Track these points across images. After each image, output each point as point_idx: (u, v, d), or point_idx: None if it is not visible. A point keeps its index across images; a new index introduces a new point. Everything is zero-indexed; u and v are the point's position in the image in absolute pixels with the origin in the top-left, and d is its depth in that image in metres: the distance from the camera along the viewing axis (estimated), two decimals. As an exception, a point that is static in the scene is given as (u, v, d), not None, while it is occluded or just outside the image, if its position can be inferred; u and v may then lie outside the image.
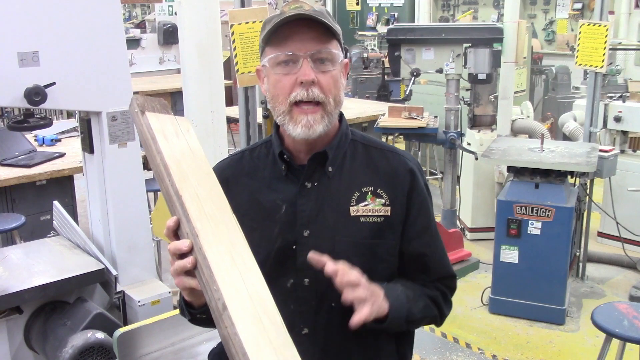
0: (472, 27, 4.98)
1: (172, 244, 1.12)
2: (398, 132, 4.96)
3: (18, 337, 2.87)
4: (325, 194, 1.35)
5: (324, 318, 1.35)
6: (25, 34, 2.67)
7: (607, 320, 2.73)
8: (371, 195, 1.36)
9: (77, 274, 2.88)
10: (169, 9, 9.49)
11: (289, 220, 1.35)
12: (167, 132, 1.24)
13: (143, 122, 1.24)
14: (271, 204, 1.37)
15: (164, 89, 8.02)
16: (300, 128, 1.28)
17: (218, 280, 1.05)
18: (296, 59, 1.27)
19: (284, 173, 1.38)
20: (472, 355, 3.70)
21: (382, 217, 1.35)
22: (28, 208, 4.21)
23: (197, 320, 1.33)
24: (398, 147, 1.51)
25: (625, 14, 8.54)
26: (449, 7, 10.82)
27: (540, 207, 3.88)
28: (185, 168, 1.19)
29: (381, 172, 1.39)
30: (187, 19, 3.27)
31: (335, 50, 1.30)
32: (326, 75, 1.29)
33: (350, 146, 1.41)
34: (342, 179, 1.37)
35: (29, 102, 2.65)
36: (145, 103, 1.26)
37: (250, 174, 1.42)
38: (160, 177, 1.19)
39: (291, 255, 1.35)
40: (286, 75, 1.28)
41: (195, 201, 1.15)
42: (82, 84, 2.86)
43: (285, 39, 1.28)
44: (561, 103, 7.79)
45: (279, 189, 1.37)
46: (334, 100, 1.30)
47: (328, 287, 1.31)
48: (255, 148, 1.47)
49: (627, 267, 4.77)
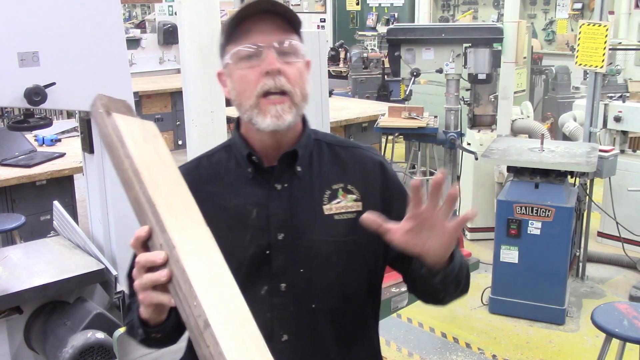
0: (472, 27, 4.99)
1: (143, 256, 1.04)
2: (398, 132, 4.96)
3: (18, 337, 2.87)
4: (297, 195, 1.32)
5: (304, 322, 1.31)
6: (25, 34, 2.67)
7: (607, 320, 2.73)
8: (342, 192, 1.34)
9: (77, 274, 2.87)
10: (169, 9, 9.49)
11: (261, 224, 1.30)
12: (136, 136, 1.16)
13: (109, 124, 1.16)
14: (240, 209, 1.31)
15: (164, 89, 8.02)
16: (269, 119, 1.24)
17: (199, 295, 0.97)
18: (259, 51, 1.24)
19: (250, 176, 1.33)
20: (472, 355, 3.70)
21: (354, 212, 1.33)
22: (28, 208, 4.22)
23: (150, 341, 1.24)
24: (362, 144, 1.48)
25: (625, 14, 8.53)
26: (449, 7, 10.82)
27: (540, 207, 3.88)
28: (156, 175, 1.11)
29: (349, 169, 1.37)
30: (187, 19, 3.27)
31: (298, 42, 1.28)
32: (291, 66, 1.25)
33: (315, 146, 1.38)
34: (312, 178, 1.34)
35: (29, 102, 2.65)
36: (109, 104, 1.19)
37: (211, 180, 1.35)
38: (129, 183, 1.11)
39: (265, 261, 1.29)
40: (251, 69, 1.24)
41: (169, 211, 1.07)
42: (82, 84, 2.86)
43: (247, 33, 1.24)
44: (561, 103, 7.79)
45: (247, 193, 1.32)
46: (300, 92, 1.26)
47: (307, 288, 1.29)
48: (213, 154, 1.42)
49: (627, 267, 4.77)
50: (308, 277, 1.30)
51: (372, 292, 1.42)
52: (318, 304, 1.30)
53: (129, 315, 1.31)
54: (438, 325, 4.01)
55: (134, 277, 1.08)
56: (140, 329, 1.21)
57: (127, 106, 1.23)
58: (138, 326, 1.21)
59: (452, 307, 4.22)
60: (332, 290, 1.32)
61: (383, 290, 2.60)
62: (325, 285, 1.31)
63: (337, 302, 1.33)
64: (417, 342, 3.82)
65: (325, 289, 1.31)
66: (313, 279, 1.30)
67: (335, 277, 1.32)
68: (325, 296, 1.31)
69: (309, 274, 1.30)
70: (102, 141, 1.19)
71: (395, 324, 3.95)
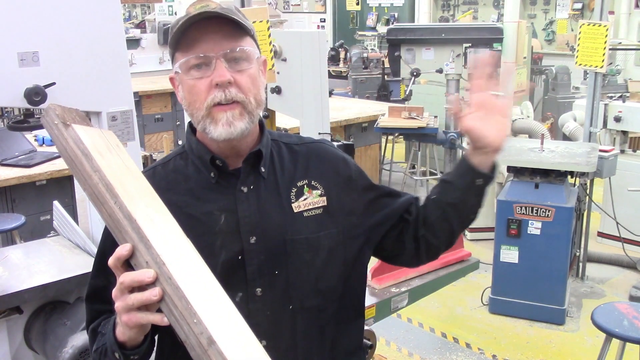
0: (472, 27, 4.99)
1: (128, 276, 0.99)
2: (398, 132, 4.97)
3: (18, 337, 2.87)
4: (264, 196, 1.30)
5: (283, 325, 1.29)
6: (25, 34, 2.67)
7: (607, 320, 2.73)
8: (307, 188, 1.33)
9: (77, 274, 2.87)
10: (169, 9, 9.50)
11: (230, 229, 1.26)
12: (100, 148, 1.09)
13: (69, 136, 1.08)
14: (207, 216, 1.27)
15: (164, 89, 8.02)
16: (221, 127, 1.21)
17: (198, 311, 0.94)
18: (208, 60, 1.21)
19: (213, 181, 1.29)
20: (472, 355, 3.70)
21: (321, 207, 1.33)
22: (28, 208, 4.21)
23: None
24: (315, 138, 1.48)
25: (625, 14, 8.54)
26: (449, 7, 10.82)
27: (540, 207, 3.88)
28: (129, 187, 1.05)
29: (310, 164, 1.37)
30: (187, 19, 3.26)
31: (249, 47, 1.25)
32: (243, 74, 1.22)
33: (274, 146, 1.37)
34: (277, 177, 1.33)
35: (29, 102, 2.65)
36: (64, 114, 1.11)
37: (170, 189, 1.29)
38: (101, 199, 1.04)
39: (238, 267, 1.25)
40: (200, 79, 1.21)
41: (151, 225, 1.01)
42: (82, 84, 2.86)
43: (194, 42, 1.21)
44: (561, 103, 7.79)
45: (212, 198, 1.28)
46: (254, 99, 1.24)
47: (284, 290, 1.28)
48: (167, 162, 1.36)
49: (627, 267, 4.77)
50: (284, 278, 1.28)
51: (352, 286, 1.40)
52: (296, 304, 1.29)
53: (98, 341, 1.24)
54: (438, 325, 4.01)
55: (115, 298, 1.03)
56: (117, 352, 1.13)
57: (82, 115, 1.18)
58: (115, 349, 1.13)
59: (452, 307, 4.22)
60: (310, 288, 1.31)
61: (383, 290, 2.60)
62: (302, 284, 1.29)
63: (315, 299, 1.31)
64: (417, 342, 3.82)
65: (303, 288, 1.30)
66: (289, 279, 1.28)
67: (311, 275, 1.30)
68: (303, 295, 1.30)
69: (285, 275, 1.28)
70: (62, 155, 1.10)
71: (395, 324, 3.95)
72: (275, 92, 3.68)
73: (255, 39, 1.30)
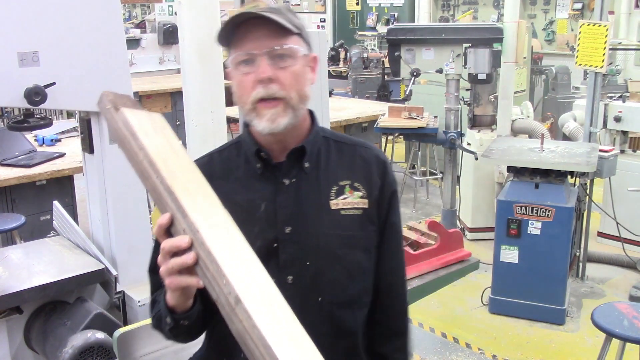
0: (472, 27, 4.99)
1: (168, 242, 1.08)
2: (398, 132, 4.96)
3: (18, 337, 2.87)
4: (304, 190, 1.36)
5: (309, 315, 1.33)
6: (25, 34, 2.67)
7: (607, 320, 2.73)
8: (349, 188, 1.38)
9: (77, 274, 2.88)
10: (169, 9, 9.49)
11: (268, 218, 1.34)
12: (146, 128, 1.19)
13: (118, 119, 1.19)
14: (249, 203, 1.35)
15: (164, 89, 8.02)
16: (264, 122, 1.29)
17: (227, 273, 1.02)
18: (253, 57, 1.28)
19: (259, 171, 1.37)
20: (472, 355, 3.70)
21: (361, 209, 1.38)
22: (28, 208, 4.22)
23: (178, 329, 1.25)
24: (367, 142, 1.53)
25: (625, 14, 8.53)
26: (449, 7, 10.82)
27: (540, 207, 3.88)
28: (170, 164, 1.15)
29: (356, 166, 1.41)
30: (187, 19, 3.26)
31: (295, 45, 1.30)
32: (285, 71, 1.29)
33: (323, 143, 1.43)
34: (319, 174, 1.38)
35: (29, 102, 2.65)
36: (116, 99, 1.22)
37: (222, 176, 1.40)
38: (146, 175, 1.15)
39: (273, 254, 1.33)
40: (247, 75, 1.29)
41: (188, 196, 1.11)
42: (82, 84, 2.86)
43: (241, 40, 1.29)
44: (561, 103, 7.79)
45: (256, 188, 1.37)
46: (297, 94, 1.30)
47: (313, 281, 1.34)
48: (223, 150, 1.47)
49: (627, 267, 4.77)
50: (314, 270, 1.33)
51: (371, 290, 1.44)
52: (325, 297, 1.34)
53: (155, 308, 1.34)
54: (438, 325, 4.01)
55: (160, 263, 1.11)
56: (167, 317, 1.23)
57: (133, 101, 1.27)
58: (165, 315, 1.23)
59: (452, 307, 4.22)
60: (340, 284, 1.36)
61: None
62: (331, 278, 1.35)
63: (342, 295, 1.37)
64: (417, 342, 3.82)
65: (333, 283, 1.35)
66: (319, 272, 1.34)
67: (342, 272, 1.36)
68: (332, 290, 1.35)
69: (315, 267, 1.34)
70: (113, 136, 1.22)
71: (395, 324, 3.94)
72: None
73: (305, 37, 1.35)
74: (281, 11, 1.30)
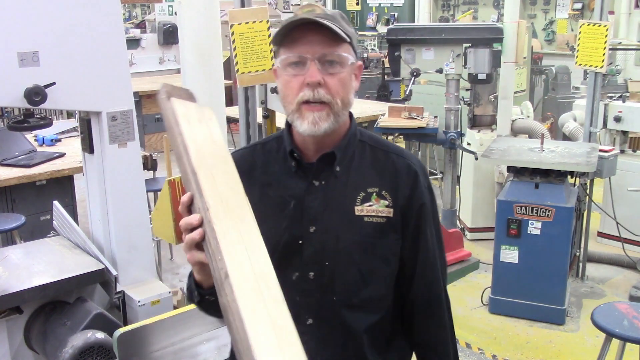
0: (472, 27, 4.98)
1: (184, 220, 1.16)
2: (398, 132, 4.96)
3: (18, 337, 2.87)
4: (332, 193, 1.40)
5: (326, 310, 1.40)
6: (25, 34, 2.67)
7: (607, 320, 2.73)
8: (376, 196, 1.40)
9: (77, 274, 2.88)
10: (169, 9, 9.49)
11: (296, 216, 1.39)
12: (191, 118, 1.28)
13: (168, 107, 1.29)
14: (280, 199, 1.41)
15: (164, 89, 8.00)
16: (306, 124, 1.33)
17: (223, 250, 1.08)
18: (304, 60, 1.32)
19: (293, 170, 1.42)
20: (472, 355, 3.70)
21: (384, 217, 1.40)
22: (28, 208, 4.22)
23: (206, 304, 1.32)
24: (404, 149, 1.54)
25: (625, 14, 8.54)
26: (449, 7, 10.82)
27: (540, 207, 3.88)
28: (204, 150, 1.23)
29: (386, 174, 1.43)
30: (187, 19, 3.27)
31: (344, 53, 1.34)
32: (334, 77, 1.33)
33: (359, 146, 1.45)
34: (349, 178, 1.41)
35: (29, 102, 2.65)
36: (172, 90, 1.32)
37: (262, 167, 1.46)
38: (180, 156, 1.24)
39: (297, 250, 1.39)
40: (295, 77, 1.33)
41: (210, 179, 1.18)
42: (82, 84, 2.86)
43: (295, 42, 1.33)
44: (561, 103, 7.79)
45: (288, 185, 1.42)
46: (341, 101, 1.35)
47: (331, 280, 1.38)
48: (267, 142, 1.51)
49: (627, 267, 4.77)
50: (332, 270, 1.38)
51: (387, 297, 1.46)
52: (338, 297, 1.39)
53: (188, 281, 1.41)
54: (438, 325, 4.01)
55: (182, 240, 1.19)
56: (195, 291, 1.32)
57: (189, 93, 1.37)
58: (193, 289, 1.32)
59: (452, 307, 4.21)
60: (352, 286, 1.39)
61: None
62: (346, 281, 1.39)
63: (354, 298, 1.40)
64: (417, 342, 3.82)
65: (346, 285, 1.39)
66: (336, 273, 1.39)
67: (356, 275, 1.39)
68: (347, 292, 1.39)
69: (333, 268, 1.38)
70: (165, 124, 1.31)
71: (395, 324, 3.94)
72: (275, 92, 3.68)
73: (354, 46, 1.39)
74: (336, 18, 1.35)
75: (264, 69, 3.09)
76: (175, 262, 5.01)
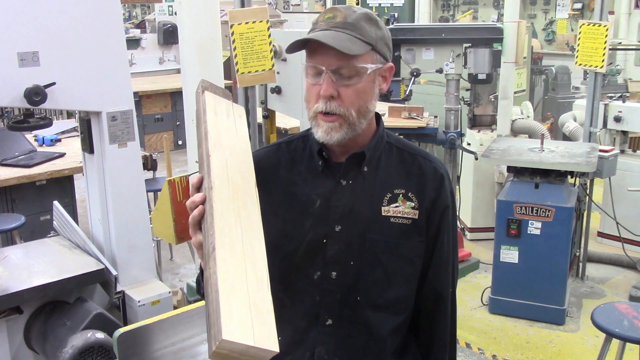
0: (472, 27, 4.98)
1: (190, 198, 1.18)
2: (398, 132, 4.95)
3: (18, 337, 2.87)
4: (359, 192, 1.41)
5: (348, 311, 1.40)
6: (25, 34, 2.67)
7: (607, 320, 2.73)
8: (402, 197, 1.41)
9: (77, 274, 2.88)
10: (169, 9, 9.49)
11: (321, 214, 1.40)
12: (219, 110, 1.34)
13: (200, 99, 1.34)
14: (306, 197, 1.41)
15: (164, 89, 8.02)
16: (320, 132, 1.35)
17: (216, 227, 1.11)
18: (320, 71, 1.33)
19: (320, 169, 1.42)
20: (472, 355, 3.70)
21: (410, 219, 1.41)
22: (28, 208, 4.22)
23: None
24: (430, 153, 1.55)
25: (625, 14, 8.53)
26: (449, 7, 10.82)
27: (540, 207, 3.88)
28: (223, 140, 1.27)
29: (413, 176, 1.44)
30: (187, 19, 3.27)
31: (361, 64, 1.32)
32: (349, 88, 1.33)
33: (386, 148, 1.46)
34: (376, 179, 1.42)
35: (29, 102, 2.66)
36: (209, 86, 1.38)
37: (287, 166, 1.46)
38: (200, 142, 1.28)
39: (321, 249, 1.39)
40: (314, 85, 1.35)
41: (222, 164, 1.22)
42: (82, 84, 2.86)
43: (313, 52, 1.34)
44: (561, 103, 7.79)
45: (315, 184, 1.42)
46: (356, 111, 1.34)
47: (355, 280, 1.39)
48: (292, 141, 1.52)
49: (627, 267, 4.77)
50: (357, 270, 1.39)
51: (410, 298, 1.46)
52: (363, 297, 1.39)
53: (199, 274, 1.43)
54: (438, 325, 4.01)
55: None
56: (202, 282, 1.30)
57: (226, 92, 1.43)
58: (201, 280, 1.31)
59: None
60: (377, 287, 1.40)
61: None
62: (371, 280, 1.39)
63: (379, 299, 1.41)
64: (417, 342, 3.82)
65: (371, 285, 1.39)
66: (361, 273, 1.39)
67: (380, 275, 1.40)
68: (371, 292, 1.40)
69: (358, 268, 1.39)
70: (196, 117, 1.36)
71: (395, 324, 3.94)
72: (275, 92, 3.68)
73: (379, 49, 1.36)
74: (357, 26, 1.32)
75: (264, 69, 3.09)
76: (175, 262, 5.01)
